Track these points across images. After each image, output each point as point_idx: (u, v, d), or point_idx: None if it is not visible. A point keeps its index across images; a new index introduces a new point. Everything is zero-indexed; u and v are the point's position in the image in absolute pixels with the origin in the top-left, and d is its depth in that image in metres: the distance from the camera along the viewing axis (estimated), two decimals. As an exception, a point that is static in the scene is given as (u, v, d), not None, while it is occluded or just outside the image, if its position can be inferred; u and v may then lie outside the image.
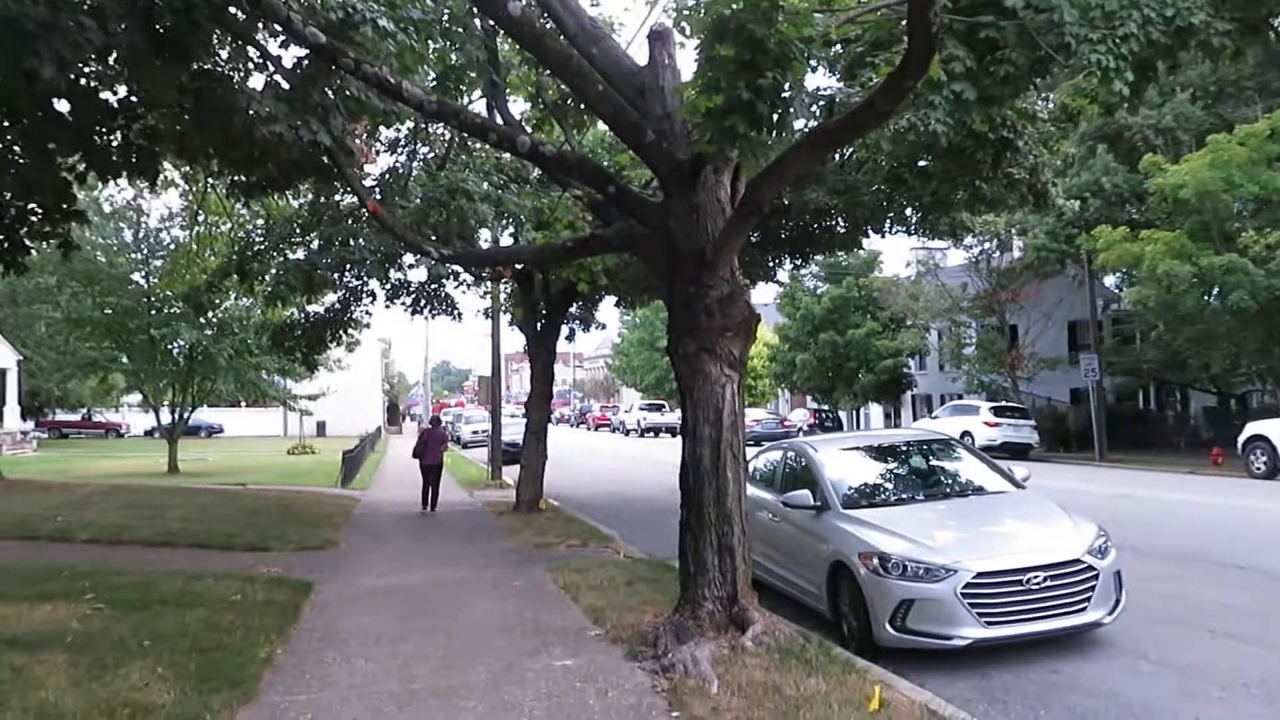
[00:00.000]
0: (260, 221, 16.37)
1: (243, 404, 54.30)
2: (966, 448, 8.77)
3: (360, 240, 13.72)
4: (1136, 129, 26.42)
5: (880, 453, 8.61)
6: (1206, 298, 22.57)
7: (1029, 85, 6.81)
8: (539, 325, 17.53)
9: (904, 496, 7.89)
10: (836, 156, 14.35)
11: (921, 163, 11.88)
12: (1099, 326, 43.15)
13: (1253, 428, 21.00)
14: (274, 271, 14.06)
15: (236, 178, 10.19)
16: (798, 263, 17.88)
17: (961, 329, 39.85)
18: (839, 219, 16.59)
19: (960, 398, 43.64)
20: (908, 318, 42.41)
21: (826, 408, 46.52)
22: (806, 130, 5.80)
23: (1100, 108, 12.51)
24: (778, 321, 49.28)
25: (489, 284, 19.55)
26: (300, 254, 14.37)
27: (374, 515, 17.26)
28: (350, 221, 14.21)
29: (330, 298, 17.39)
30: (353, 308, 16.03)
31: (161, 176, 10.35)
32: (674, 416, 62.52)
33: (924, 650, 6.62)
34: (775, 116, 5.65)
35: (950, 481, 8.10)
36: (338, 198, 14.53)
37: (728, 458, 6.80)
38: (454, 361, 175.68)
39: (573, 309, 19.33)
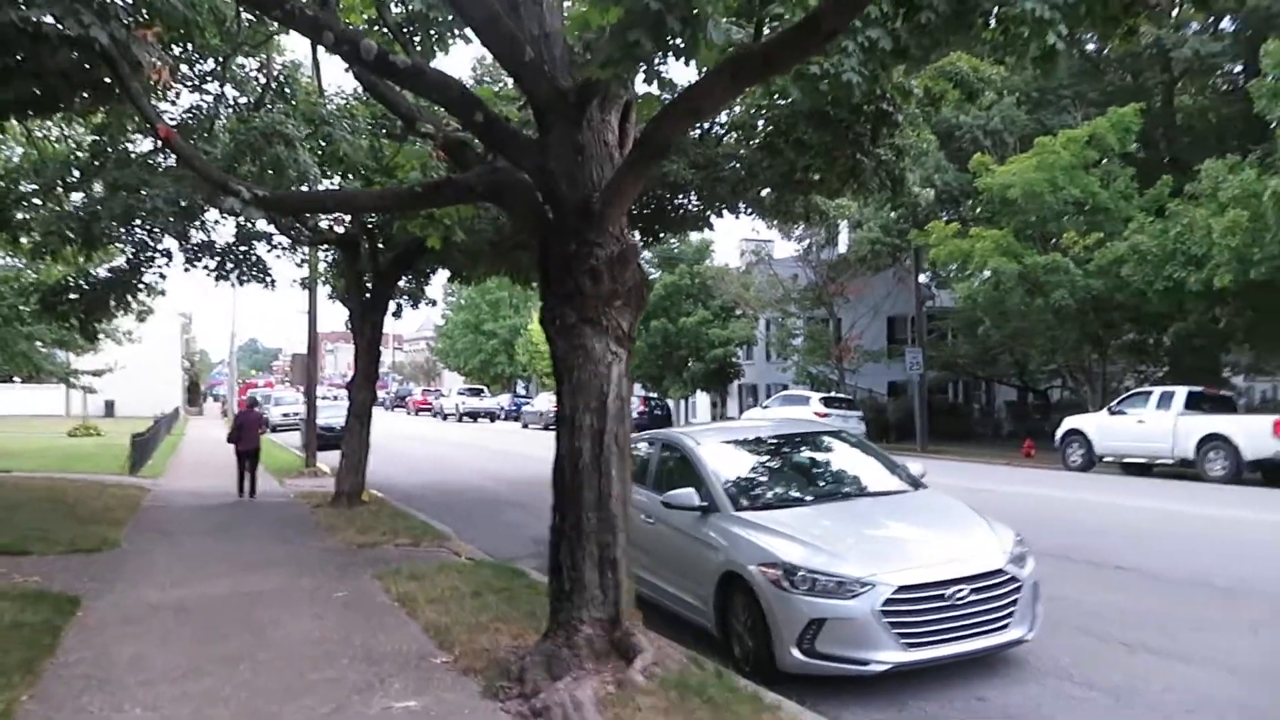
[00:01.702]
0: (24, 155, 13.80)
1: (15, 380, 48.62)
2: (858, 441, 7.98)
3: (154, 189, 11.69)
4: (966, 129, 27.06)
5: (766, 446, 7.68)
6: (1030, 296, 23.25)
7: (946, 40, 6.04)
8: (364, 298, 15.80)
9: (801, 496, 6.98)
10: (700, 128, 13.48)
11: (790, 140, 11.16)
12: (914, 323, 44.95)
13: (1069, 422, 21.76)
14: (43, 219, 11.78)
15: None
16: (647, 241, 16.91)
17: (790, 320, 40.31)
18: (692, 196, 15.80)
19: (786, 388, 44.30)
20: (739, 307, 42.56)
21: (655, 396, 46.13)
22: (730, 54, 4.71)
23: (1030, 65, 12.20)
24: (609, 307, 48.51)
25: (307, 250, 17.58)
26: (78, 200, 12.14)
27: (167, 507, 15.09)
28: (142, 166, 12.12)
29: (117, 259, 15.09)
30: (143, 269, 13.82)
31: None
32: (493, 401, 60.96)
33: (832, 676, 5.73)
34: (689, 34, 4.55)
35: (848, 480, 7.25)
36: (128, 136, 12.41)
37: (612, 452, 5.67)
38: (262, 340, 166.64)
39: (402, 282, 17.66)
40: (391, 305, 17.78)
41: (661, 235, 16.94)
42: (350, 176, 11.36)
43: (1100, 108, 26.11)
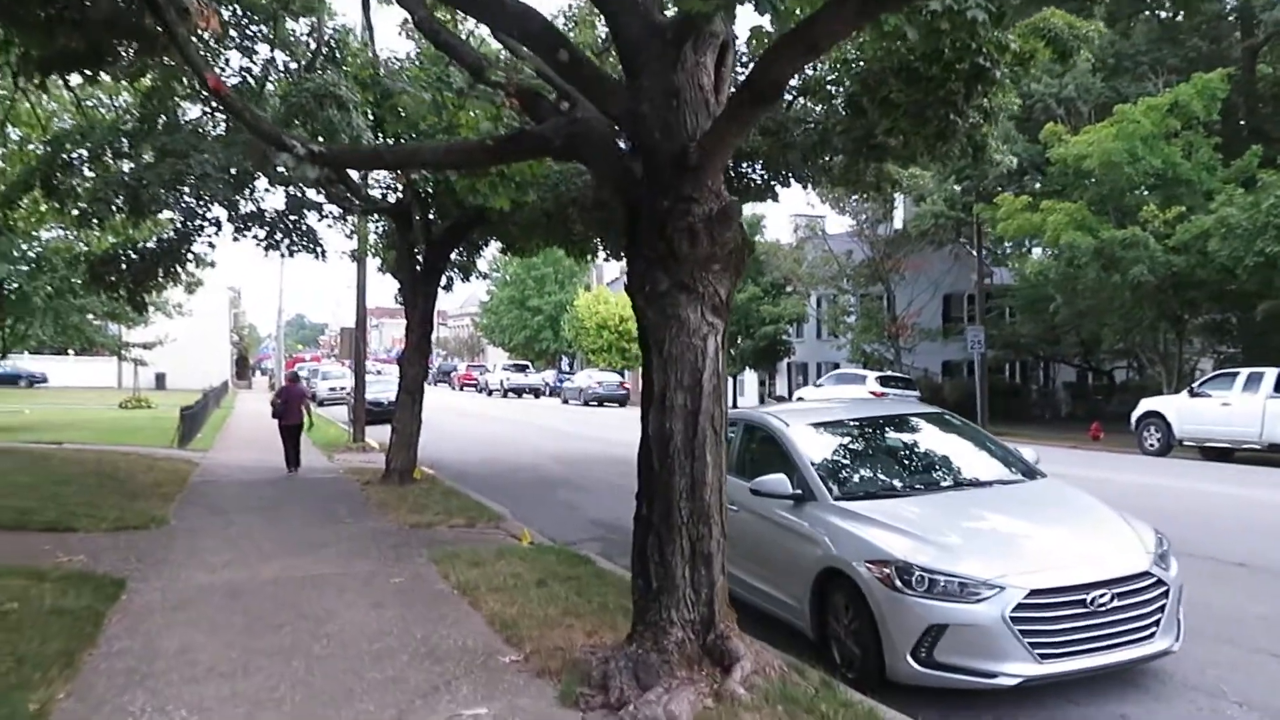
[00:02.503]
0: (72, 122, 13.44)
1: (71, 352, 49.16)
2: (963, 424, 7.27)
3: (204, 155, 11.23)
4: (1038, 97, 25.88)
5: (862, 429, 7.00)
6: (1106, 272, 22.16)
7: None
8: (416, 270, 15.30)
9: (907, 485, 6.30)
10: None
11: (877, 99, 10.37)
12: (972, 300, 43.68)
13: (1147, 404, 20.73)
14: (91, 187, 11.38)
15: (29, 51, 7.73)
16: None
17: (844, 297, 39.37)
18: (757, 166, 15.07)
19: (837, 366, 43.38)
20: (790, 284, 41.67)
21: (703, 373, 45.39)
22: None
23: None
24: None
25: (356, 221, 17.13)
26: (126, 168, 11.72)
27: (216, 483, 14.78)
28: (191, 133, 11.68)
29: (166, 230, 14.72)
30: (193, 239, 13.41)
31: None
32: (537, 377, 60.48)
33: (951, 689, 5.08)
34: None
35: (958, 467, 6.55)
36: (177, 101, 11.97)
37: (707, 435, 5.05)
38: (309, 315, 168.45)
39: (453, 255, 17.15)
40: (442, 279, 17.30)
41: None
42: (410, 138, 10.77)
43: (1179, 75, 24.83)
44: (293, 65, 13.00)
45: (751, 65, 10.37)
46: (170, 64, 11.72)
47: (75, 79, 12.54)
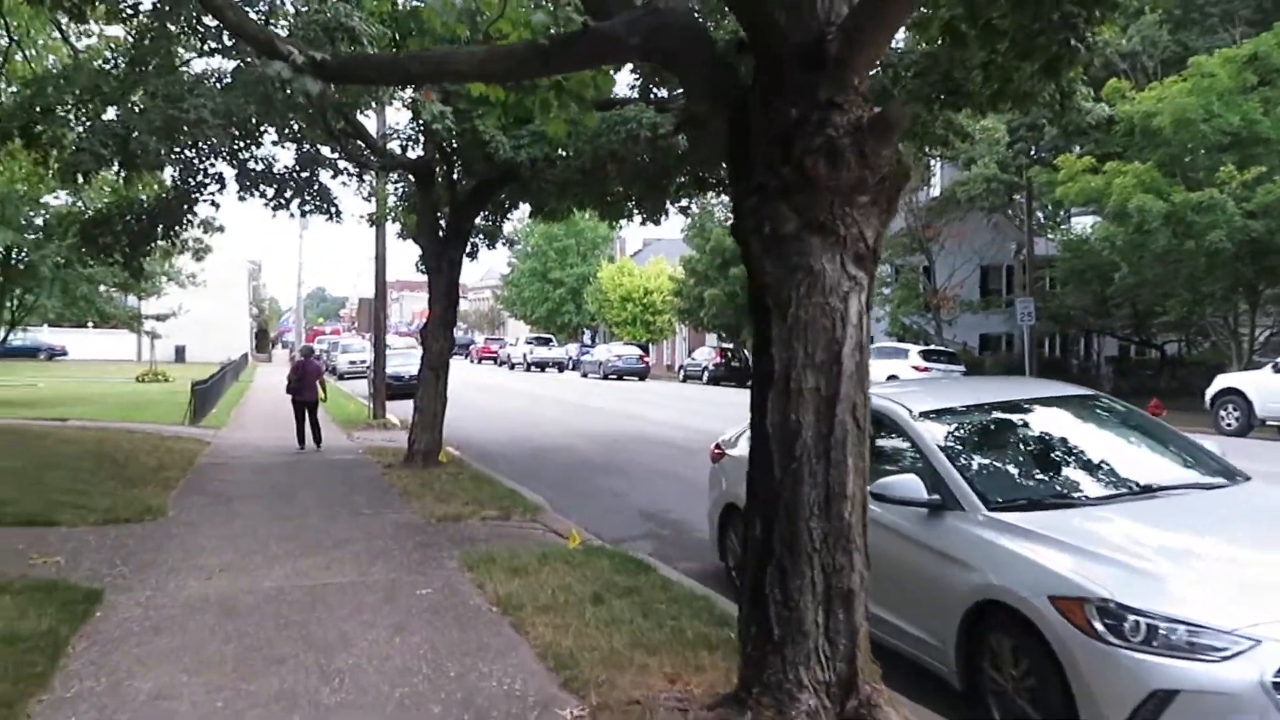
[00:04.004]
0: (54, 63, 12.14)
1: (90, 324, 48.32)
2: (1127, 410, 5.87)
3: (200, 99, 9.91)
4: (1098, 51, 24.12)
5: (1002, 416, 5.63)
6: (1177, 239, 20.56)
7: None
8: (439, 235, 13.98)
9: (1081, 491, 4.93)
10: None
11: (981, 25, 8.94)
12: (1011, 272, 41.97)
13: (1225, 380, 19.22)
14: (76, 135, 10.09)
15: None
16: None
17: (884, 266, 37.84)
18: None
19: (872, 339, 41.88)
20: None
21: (731, 347, 44.05)
22: None
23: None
24: (684, 254, 46.43)
25: (374, 180, 15.81)
26: (113, 114, 10.41)
27: (225, 466, 13.58)
28: (186, 72, 10.37)
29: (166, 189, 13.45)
30: (194, 197, 12.12)
31: None
32: (560, 351, 59.10)
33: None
34: None
35: (1136, 466, 5.17)
36: (171, 42, 10.65)
37: (848, 430, 3.72)
38: (330, 289, 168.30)
39: (478, 220, 15.79)
40: (467, 244, 15.98)
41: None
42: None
43: (1254, 26, 23.07)
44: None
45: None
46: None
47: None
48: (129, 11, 10.91)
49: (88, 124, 10.23)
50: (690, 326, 50.09)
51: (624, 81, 13.96)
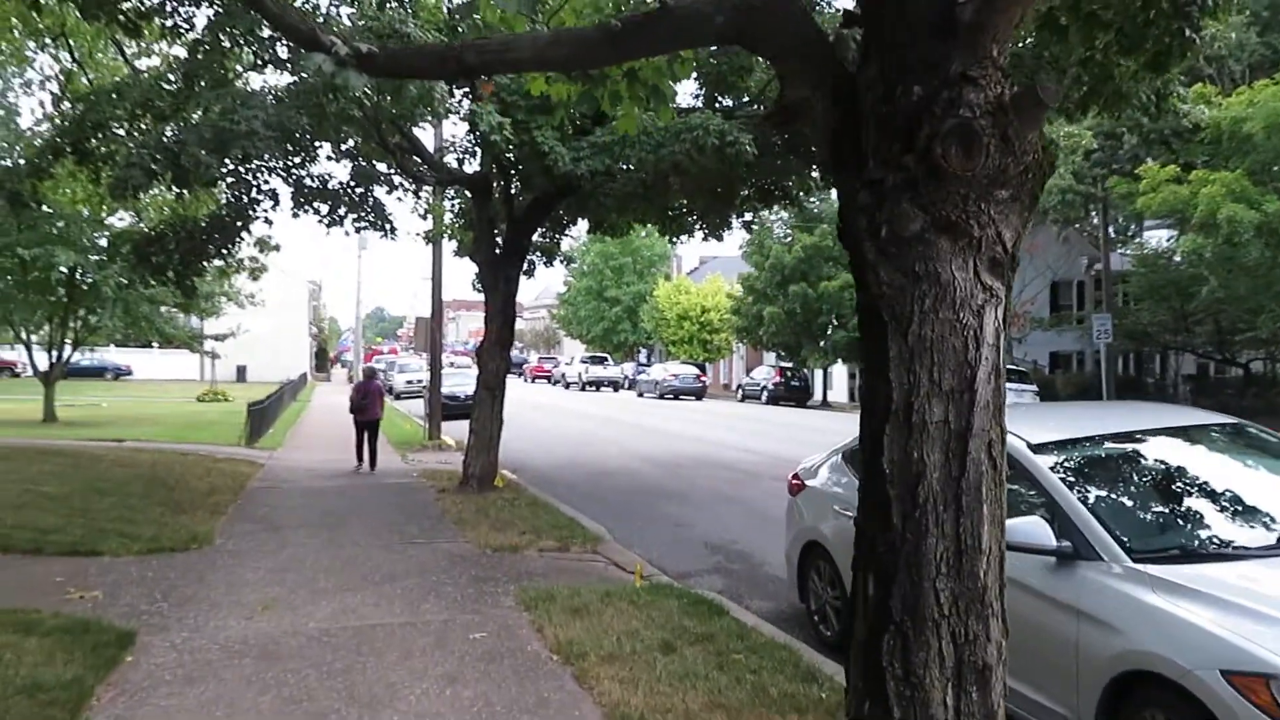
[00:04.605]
0: (107, 79, 11.98)
1: (155, 345, 49.13)
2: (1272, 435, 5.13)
3: (252, 111, 9.61)
4: (1206, 45, 23.06)
5: (1139, 449, 4.91)
6: (1271, 251, 19.40)
7: None
8: (496, 252, 13.56)
9: (1250, 542, 4.19)
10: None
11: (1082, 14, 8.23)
12: (1083, 288, 40.55)
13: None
14: (126, 150, 9.84)
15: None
16: (809, 187, 14.00)
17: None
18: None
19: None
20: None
21: (791, 366, 43.16)
22: None
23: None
24: (742, 272, 45.75)
25: (430, 196, 15.48)
26: (168, 131, 10.15)
27: (278, 489, 13.25)
28: (240, 82, 10.09)
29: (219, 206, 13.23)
30: (248, 213, 11.86)
31: None
32: (616, 370, 58.55)
33: None
34: None
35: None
36: (227, 56, 10.39)
37: (984, 472, 3.08)
38: (388, 308, 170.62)
39: (535, 236, 15.35)
40: (524, 262, 15.55)
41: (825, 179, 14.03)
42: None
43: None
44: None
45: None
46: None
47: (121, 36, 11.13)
48: (184, 26, 10.66)
49: (139, 139, 9.98)
50: (748, 345, 49.33)
51: (686, 91, 13.46)
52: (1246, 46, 23.05)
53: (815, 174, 13.37)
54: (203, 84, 10.29)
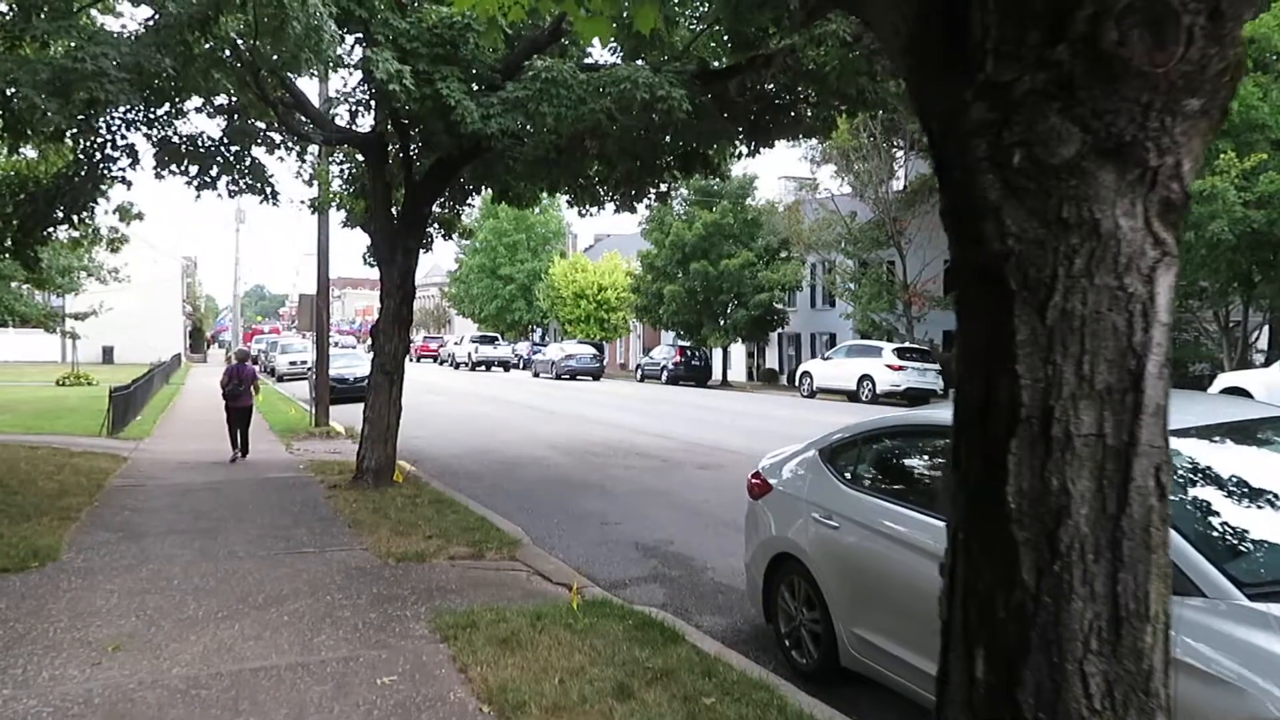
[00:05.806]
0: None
1: (7, 323, 45.32)
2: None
3: (101, 48, 8.10)
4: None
5: (1218, 451, 4.08)
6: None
7: None
8: (393, 221, 12.22)
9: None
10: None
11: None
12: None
13: (1229, 380, 18.22)
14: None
15: None
16: (749, 149, 13.16)
17: (847, 261, 36.66)
18: (811, 92, 12.21)
19: (834, 336, 40.83)
20: (790, 247, 38.94)
21: (691, 345, 42.57)
22: None
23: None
24: (640, 249, 44.88)
25: (316, 158, 13.99)
26: (-4, 69, 8.50)
27: (142, 489, 11.67)
28: (85, 16, 8.54)
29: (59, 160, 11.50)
30: (101, 173, 10.24)
31: None
32: (507, 350, 56.81)
33: None
34: None
35: None
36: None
37: (1151, 505, 2.16)
38: (269, 286, 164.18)
39: (435, 207, 14.02)
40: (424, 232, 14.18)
41: (768, 146, 13.15)
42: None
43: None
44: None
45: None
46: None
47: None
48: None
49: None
50: (646, 324, 48.55)
51: (600, 58, 12.35)
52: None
53: (741, 136, 12.48)
54: (42, 14, 8.69)
